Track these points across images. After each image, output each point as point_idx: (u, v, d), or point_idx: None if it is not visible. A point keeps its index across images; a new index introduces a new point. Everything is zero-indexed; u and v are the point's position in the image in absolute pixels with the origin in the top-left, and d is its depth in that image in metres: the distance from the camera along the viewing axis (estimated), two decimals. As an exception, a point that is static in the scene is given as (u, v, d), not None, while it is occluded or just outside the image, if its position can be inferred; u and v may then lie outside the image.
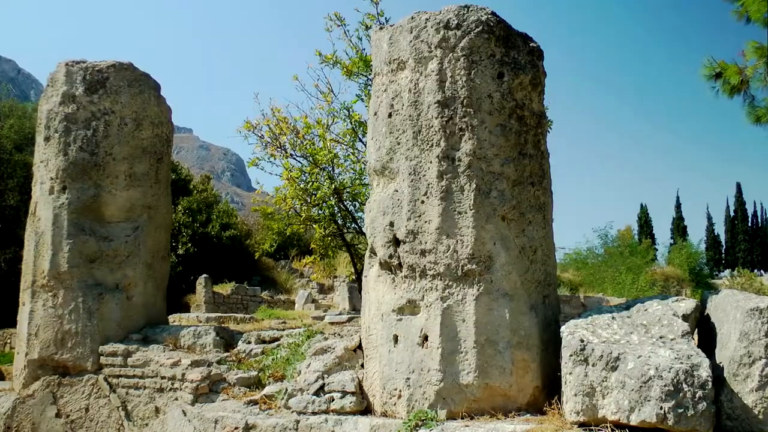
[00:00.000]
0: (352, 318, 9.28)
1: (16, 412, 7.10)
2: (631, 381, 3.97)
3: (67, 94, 7.49)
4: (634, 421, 3.95)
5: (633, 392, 3.95)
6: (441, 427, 4.55)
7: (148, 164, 7.70)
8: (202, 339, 7.01)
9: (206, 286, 19.65)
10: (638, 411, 3.93)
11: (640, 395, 3.93)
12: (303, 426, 5.09)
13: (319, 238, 11.31)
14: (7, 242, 19.31)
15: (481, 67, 5.16)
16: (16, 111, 23.01)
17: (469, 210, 4.97)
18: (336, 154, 10.60)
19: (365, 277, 5.67)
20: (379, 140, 5.47)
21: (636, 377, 3.95)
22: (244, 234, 26.18)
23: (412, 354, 4.99)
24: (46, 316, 7.23)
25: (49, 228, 7.30)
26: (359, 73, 10.31)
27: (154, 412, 6.46)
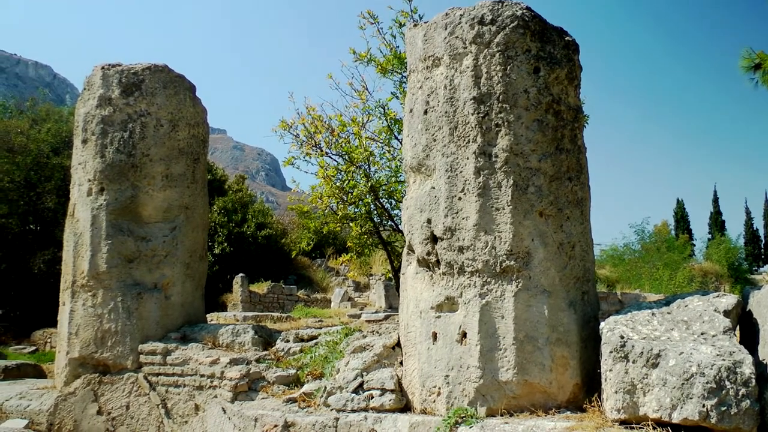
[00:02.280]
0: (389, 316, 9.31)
1: (58, 410, 7.28)
2: (673, 378, 3.93)
3: (104, 97, 7.63)
4: (676, 419, 3.91)
5: (675, 390, 3.91)
6: (481, 424, 4.56)
7: (184, 165, 7.81)
8: (241, 337, 7.10)
9: (243, 285, 19.83)
10: (680, 409, 3.89)
11: (682, 393, 3.89)
12: (342, 424, 5.14)
13: (355, 236, 11.38)
14: (45, 244, 19.65)
15: (516, 62, 5.17)
16: (53, 115, 23.43)
17: (507, 206, 4.98)
18: (371, 151, 10.65)
19: (403, 275, 5.71)
20: (415, 137, 5.51)
21: (677, 374, 3.92)
22: (279, 233, 26.35)
23: (450, 351, 5.02)
24: (86, 315, 7.38)
25: (88, 229, 7.46)
26: (393, 70, 10.34)
27: (193, 410, 6.56)
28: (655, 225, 38.11)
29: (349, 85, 11.08)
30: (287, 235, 27.07)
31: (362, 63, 10.63)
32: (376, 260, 22.28)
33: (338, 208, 10.92)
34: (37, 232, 20.65)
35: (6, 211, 19.65)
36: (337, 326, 7.32)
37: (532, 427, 4.35)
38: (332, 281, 25.02)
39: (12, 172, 19.95)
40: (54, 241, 19.34)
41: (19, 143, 20.60)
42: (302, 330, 7.36)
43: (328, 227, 11.15)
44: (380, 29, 10.58)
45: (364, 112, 10.84)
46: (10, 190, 20.01)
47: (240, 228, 23.82)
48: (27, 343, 17.07)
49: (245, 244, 23.60)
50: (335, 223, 11.09)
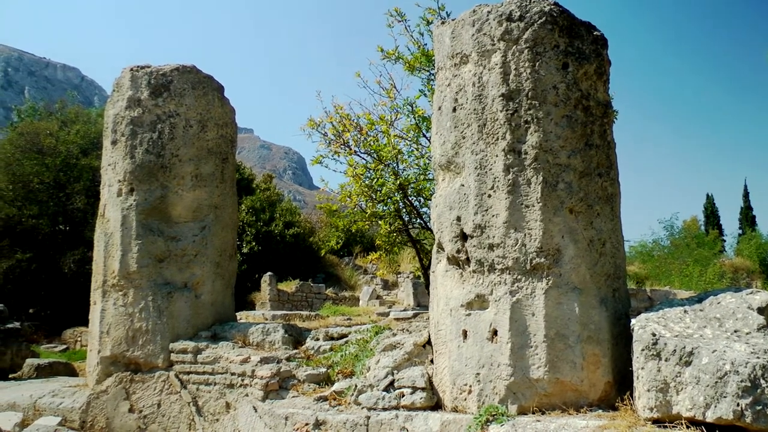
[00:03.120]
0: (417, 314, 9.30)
1: (91, 407, 7.38)
2: (706, 376, 3.88)
3: (133, 99, 7.71)
4: (710, 418, 3.86)
5: (708, 388, 3.86)
6: (512, 422, 4.55)
7: (213, 165, 7.88)
8: (271, 336, 7.14)
9: (271, 284, 19.92)
10: (714, 408, 3.84)
11: (716, 391, 3.83)
12: (373, 422, 5.16)
13: (384, 234, 11.39)
14: (75, 244, 19.90)
15: (545, 58, 5.16)
16: (82, 117, 23.75)
17: (537, 203, 4.98)
18: (400, 149, 10.65)
19: (433, 273, 5.72)
20: (443, 135, 5.51)
21: (711, 372, 3.87)
22: (307, 232, 26.46)
23: (481, 349, 5.02)
24: (117, 314, 7.47)
25: (118, 229, 7.54)
26: (421, 68, 10.35)
27: (224, 408, 6.61)
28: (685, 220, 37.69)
29: (377, 83, 11.09)
30: (315, 233, 27.16)
31: (390, 61, 10.66)
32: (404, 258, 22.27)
33: (367, 206, 10.95)
34: (67, 232, 20.91)
35: (36, 212, 19.93)
36: (367, 324, 7.35)
37: (564, 426, 4.33)
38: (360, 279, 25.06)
39: (42, 173, 20.23)
40: (83, 241, 19.59)
41: (48, 145, 20.88)
42: (332, 328, 7.40)
43: (357, 225, 11.17)
44: (408, 27, 10.62)
45: (393, 110, 10.88)
46: (40, 191, 20.30)
47: (268, 227, 23.95)
48: (58, 341, 17.30)
49: (273, 243, 23.72)
50: (364, 222, 11.12)
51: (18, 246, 19.96)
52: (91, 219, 19.41)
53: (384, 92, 10.93)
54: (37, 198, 20.21)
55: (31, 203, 20.06)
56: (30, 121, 25.25)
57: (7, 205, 19.95)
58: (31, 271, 19.65)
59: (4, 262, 19.37)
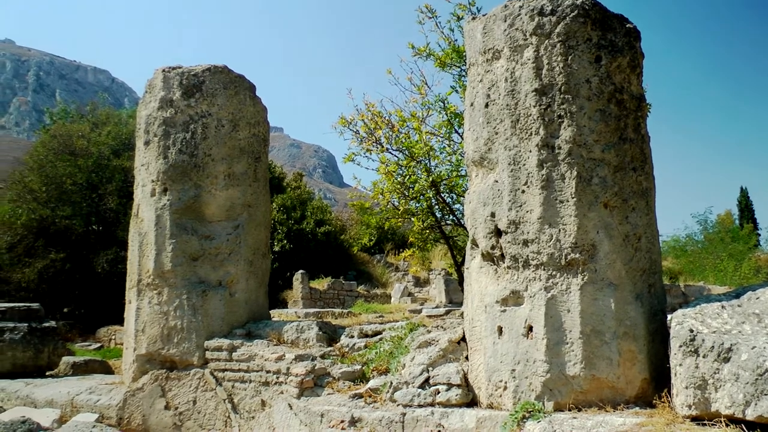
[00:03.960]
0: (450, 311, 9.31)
1: (127, 404, 7.47)
2: (746, 373, 3.82)
3: (165, 99, 7.78)
4: (750, 416, 3.80)
5: (748, 385, 3.79)
6: (548, 419, 4.54)
7: (246, 164, 7.92)
8: (305, 334, 7.17)
9: (303, 282, 20.03)
10: (754, 405, 3.77)
11: (756, 389, 3.76)
12: (409, 419, 5.17)
13: (417, 231, 11.39)
14: (107, 243, 20.12)
15: (577, 52, 5.12)
16: (113, 118, 24.03)
17: (571, 198, 4.95)
18: (432, 146, 10.65)
19: (467, 269, 5.72)
20: (476, 131, 5.50)
21: (751, 369, 3.80)
22: (338, 229, 26.56)
23: (516, 345, 5.01)
24: (152, 313, 7.56)
25: (152, 228, 7.62)
26: (452, 64, 10.33)
27: (260, 405, 6.66)
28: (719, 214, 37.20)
29: (408, 79, 11.15)
30: (346, 231, 27.27)
31: (421, 57, 10.65)
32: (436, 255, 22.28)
33: (400, 203, 10.96)
34: (100, 232, 21.16)
35: (69, 213, 20.18)
36: (401, 321, 7.34)
37: (601, 423, 4.31)
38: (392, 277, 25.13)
39: (74, 174, 20.48)
40: (116, 240, 19.81)
41: (80, 146, 21.14)
42: (366, 326, 7.41)
43: (390, 223, 11.18)
44: (438, 23, 10.61)
45: (424, 106, 10.83)
46: (73, 192, 20.55)
47: (299, 225, 24.08)
48: (92, 339, 17.53)
49: (304, 241, 23.84)
50: (396, 219, 11.12)
51: (52, 246, 20.25)
52: (124, 219, 19.67)
53: (415, 89, 10.95)
54: (70, 199, 20.47)
55: (64, 204, 20.32)
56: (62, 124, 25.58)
57: (41, 206, 20.24)
58: (65, 270, 19.92)
59: (38, 262, 19.66)
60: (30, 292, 19.50)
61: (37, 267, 19.55)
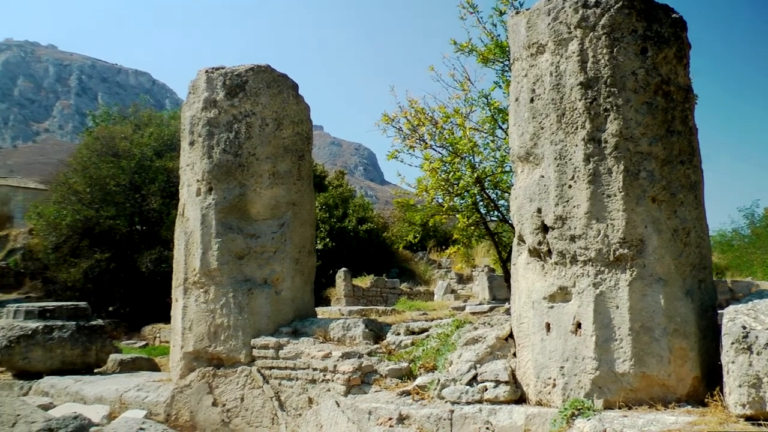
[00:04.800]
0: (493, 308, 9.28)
1: (175, 401, 7.56)
2: (803, 371, 3.74)
3: (209, 100, 7.85)
4: (808, 414, 3.73)
5: (805, 383, 3.73)
6: (598, 416, 4.50)
7: (290, 162, 7.95)
8: (352, 331, 7.19)
9: (346, 280, 20.11)
10: (812, 403, 3.70)
11: (813, 387, 3.70)
12: (457, 416, 5.16)
13: (462, 228, 11.37)
14: (151, 243, 20.42)
15: (623, 44, 5.07)
16: (154, 120, 24.41)
17: (618, 192, 4.91)
18: (475, 142, 10.63)
19: (514, 265, 5.69)
20: (521, 126, 5.46)
21: (807, 366, 3.72)
22: (380, 227, 26.63)
23: (565, 342, 4.98)
24: (199, 311, 7.64)
25: (198, 228, 7.69)
26: (495, 59, 10.32)
27: (307, 403, 6.69)
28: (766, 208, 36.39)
29: (451, 76, 11.14)
30: (388, 228, 27.31)
31: (463, 53, 10.68)
32: (479, 252, 22.22)
33: (444, 200, 10.93)
34: (143, 232, 21.48)
35: (113, 213, 20.50)
36: (447, 318, 7.31)
37: (652, 421, 4.26)
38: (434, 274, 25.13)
39: (118, 175, 20.81)
40: (160, 240, 20.09)
41: (123, 148, 21.48)
42: (413, 323, 7.41)
43: (434, 220, 11.18)
44: (480, 19, 10.65)
45: (467, 102, 10.87)
46: (116, 193, 20.88)
47: (341, 223, 24.20)
48: (137, 337, 17.79)
49: (347, 239, 23.95)
50: (441, 215, 11.12)
51: (97, 246, 20.62)
52: (167, 219, 19.94)
53: (458, 85, 10.98)
54: (114, 199, 20.81)
55: (108, 205, 20.66)
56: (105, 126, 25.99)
57: (85, 207, 20.61)
58: (110, 270, 20.27)
59: (84, 262, 20.03)
60: (76, 291, 19.90)
61: (82, 267, 19.92)
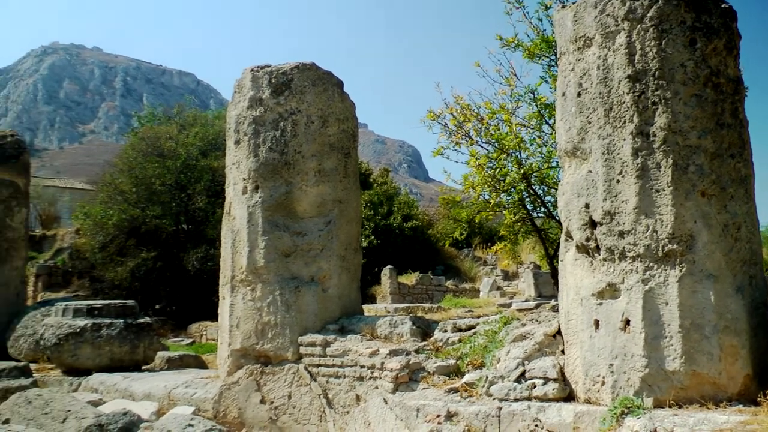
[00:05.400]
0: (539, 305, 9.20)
1: (223, 398, 7.67)
2: None
3: (254, 98, 7.92)
4: None
5: None
6: (648, 415, 4.46)
7: (336, 160, 8.00)
8: (399, 328, 7.21)
9: (391, 277, 20.20)
10: None
11: None
12: (505, 413, 5.15)
13: (508, 224, 11.33)
14: (197, 242, 20.68)
15: (671, 35, 5.01)
16: (199, 120, 24.70)
17: (667, 187, 4.86)
18: (522, 138, 10.58)
19: (561, 262, 5.66)
20: (568, 121, 5.43)
21: None
22: (425, 224, 26.67)
23: (614, 339, 4.94)
24: (246, 309, 7.73)
25: (245, 226, 7.78)
26: (541, 54, 10.27)
27: (354, 400, 6.73)
28: (816, 201, 35.62)
29: (497, 71, 11.10)
30: (433, 226, 27.34)
31: (509, 49, 10.65)
32: (524, 248, 22.12)
33: (491, 196, 10.90)
34: (189, 230, 21.75)
35: (159, 213, 20.79)
36: (494, 315, 7.29)
37: (704, 420, 4.22)
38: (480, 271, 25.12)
39: (163, 175, 21.08)
40: (205, 239, 20.33)
41: (168, 148, 21.76)
42: (460, 320, 7.40)
43: (480, 216, 11.16)
44: (526, 13, 10.62)
45: (513, 98, 10.84)
46: (162, 192, 21.16)
47: (386, 220, 24.29)
48: (184, 335, 18.01)
49: (392, 237, 24.04)
50: (488, 212, 11.10)
51: (143, 245, 20.95)
52: (212, 218, 20.17)
53: (504, 81, 10.92)
54: (160, 199, 21.11)
55: (154, 204, 20.97)
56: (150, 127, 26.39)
57: (131, 207, 20.94)
58: (156, 268, 20.58)
59: (130, 261, 20.37)
60: (123, 290, 20.26)
61: (129, 265, 20.26)
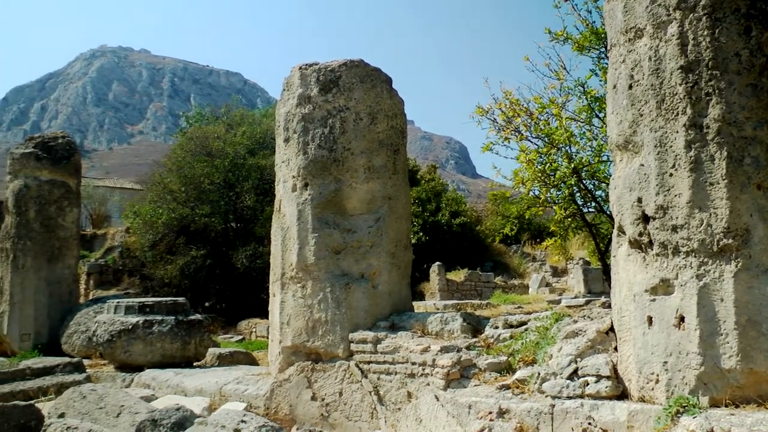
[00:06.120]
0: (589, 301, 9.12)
1: (274, 395, 7.77)
2: None
3: (303, 96, 8.00)
4: None
5: None
6: (704, 414, 4.40)
7: (385, 156, 8.03)
8: (449, 325, 7.21)
9: (440, 274, 20.22)
10: None
11: None
12: (558, 410, 5.14)
13: (558, 220, 11.25)
14: (245, 240, 20.95)
15: (725, 24, 4.91)
16: (247, 119, 25.01)
17: (722, 180, 4.77)
18: (572, 132, 10.50)
19: (614, 257, 5.62)
20: (620, 114, 5.38)
21: None
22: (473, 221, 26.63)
23: (668, 336, 4.89)
24: (296, 306, 7.82)
25: (295, 223, 7.87)
26: (591, 47, 10.16)
27: (406, 397, 6.76)
28: None
29: (546, 65, 11.02)
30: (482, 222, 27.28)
31: (558, 42, 10.57)
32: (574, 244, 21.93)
33: (541, 191, 10.83)
34: (238, 229, 22.04)
35: (208, 211, 21.09)
36: (546, 312, 7.24)
37: (762, 420, 4.15)
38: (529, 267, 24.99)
39: (212, 174, 21.39)
40: (254, 236, 20.58)
41: (216, 147, 22.07)
42: (511, 316, 7.37)
43: (531, 212, 11.10)
44: (575, 6, 10.52)
45: (563, 92, 10.78)
46: (210, 191, 21.47)
47: (434, 217, 24.34)
48: (233, 332, 18.26)
49: (440, 233, 24.06)
50: (538, 207, 11.03)
51: (192, 243, 21.30)
52: (261, 216, 20.41)
53: (553, 74, 10.85)
54: (209, 198, 21.42)
55: (203, 203, 21.29)
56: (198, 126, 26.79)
57: (180, 206, 21.29)
58: (206, 266, 20.91)
59: (180, 259, 20.72)
60: (172, 288, 20.64)
61: (178, 263, 20.61)
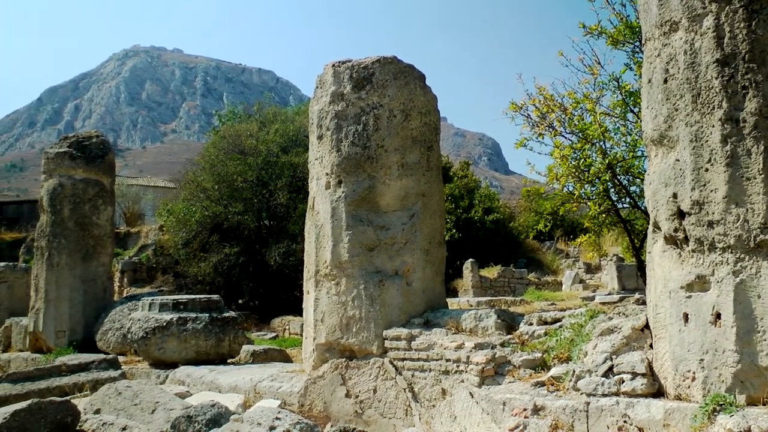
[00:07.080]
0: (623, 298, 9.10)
1: (308, 392, 7.85)
2: None
3: (336, 93, 8.06)
4: None
5: None
6: (742, 413, 4.39)
7: (418, 153, 8.05)
8: (484, 322, 7.23)
9: (473, 271, 20.23)
10: None
11: None
12: (593, 408, 5.15)
13: (593, 216, 11.20)
14: (279, 237, 21.10)
15: (762, 16, 4.89)
16: (279, 116, 25.16)
17: (759, 175, 4.75)
18: (606, 127, 10.46)
19: (649, 254, 5.60)
20: (655, 108, 5.36)
21: None
22: (507, 217, 26.60)
23: (704, 333, 4.87)
24: (330, 303, 7.89)
25: (328, 221, 7.93)
26: (625, 41, 10.10)
27: (440, 394, 6.79)
28: None
29: (580, 60, 10.97)
30: (515, 218, 27.23)
31: (592, 36, 10.52)
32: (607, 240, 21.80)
33: (575, 187, 10.79)
34: (271, 226, 22.21)
35: (241, 209, 21.29)
36: (580, 308, 7.24)
37: (800, 420, 4.10)
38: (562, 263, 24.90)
39: (245, 172, 21.58)
40: (287, 234, 20.72)
41: (249, 145, 22.26)
42: (545, 313, 7.36)
43: (564, 208, 11.06)
44: (609, 0, 10.35)
45: (597, 87, 10.73)
46: (243, 189, 21.67)
47: (467, 214, 24.33)
48: (267, 329, 18.39)
49: (473, 230, 24.06)
50: (572, 203, 10.99)
51: (225, 241, 21.51)
52: (294, 213, 20.56)
53: (587, 69, 10.80)
54: (242, 196, 21.61)
55: (236, 201, 21.48)
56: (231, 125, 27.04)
57: (214, 204, 21.51)
58: (239, 264, 21.10)
59: (213, 257, 20.95)
60: (206, 285, 20.87)
61: (212, 261, 20.83)
